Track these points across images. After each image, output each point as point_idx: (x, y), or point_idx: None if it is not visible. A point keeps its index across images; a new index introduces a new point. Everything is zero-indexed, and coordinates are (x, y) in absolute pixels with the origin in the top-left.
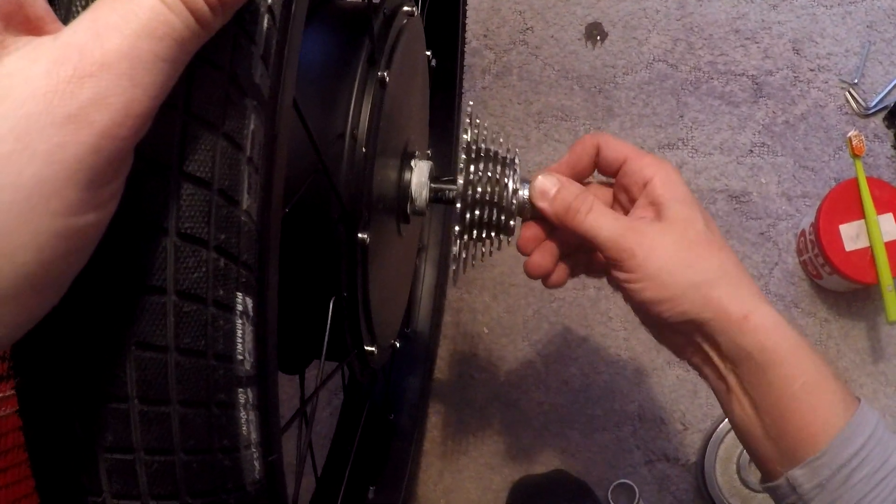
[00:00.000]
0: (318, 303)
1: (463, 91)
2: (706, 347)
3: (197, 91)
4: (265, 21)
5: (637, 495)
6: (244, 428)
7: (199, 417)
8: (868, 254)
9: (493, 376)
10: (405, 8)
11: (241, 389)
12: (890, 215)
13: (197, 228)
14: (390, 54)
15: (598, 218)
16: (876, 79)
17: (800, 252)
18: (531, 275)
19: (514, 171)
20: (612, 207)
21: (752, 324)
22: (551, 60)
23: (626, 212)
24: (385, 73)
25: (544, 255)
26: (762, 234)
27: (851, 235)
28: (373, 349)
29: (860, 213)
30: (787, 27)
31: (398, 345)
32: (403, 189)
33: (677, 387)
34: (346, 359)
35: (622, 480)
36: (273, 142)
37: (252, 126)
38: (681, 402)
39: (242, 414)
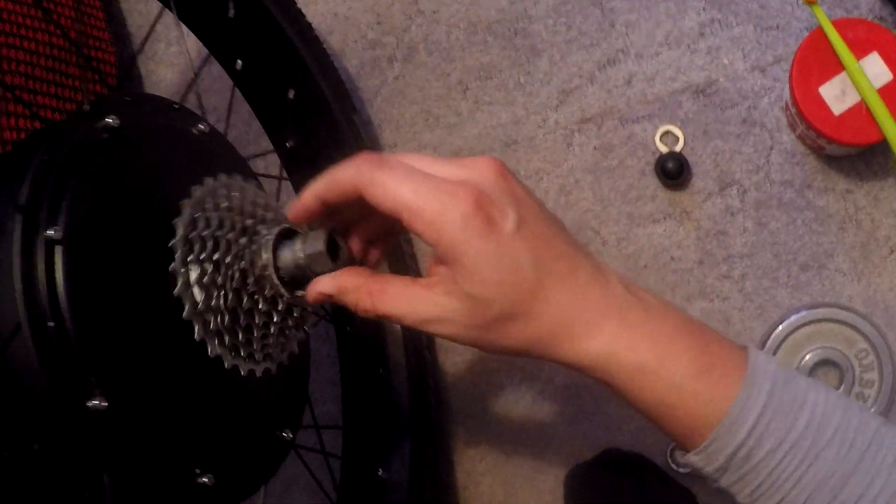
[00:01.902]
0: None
1: (357, 99)
2: None
3: None
4: None
5: None
6: None
7: None
8: (863, 108)
9: (507, 375)
10: (102, 122)
11: None
12: (875, 55)
13: None
14: (56, 201)
15: (395, 305)
16: None
17: (792, 127)
18: None
19: (262, 233)
20: None
21: (582, 366)
22: (454, 20)
23: None
24: (53, 231)
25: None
26: (745, 120)
27: (836, 95)
28: (205, 480)
29: (839, 66)
30: None
31: (290, 435)
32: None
33: (706, 320)
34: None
35: None
36: None
37: None
38: None
39: None
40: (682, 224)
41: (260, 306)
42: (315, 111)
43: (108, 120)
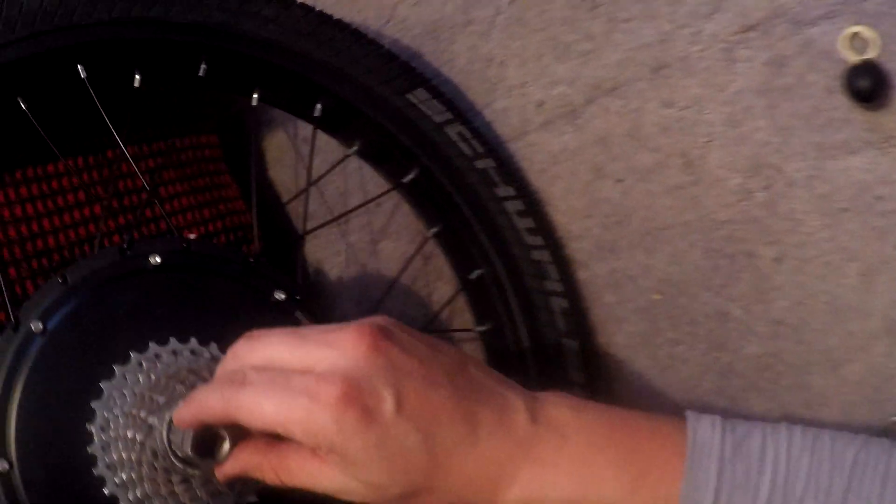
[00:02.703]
0: None
1: (471, 34)
2: None
3: None
4: None
5: None
6: None
7: None
8: None
9: (688, 347)
10: (25, 331)
11: None
12: None
13: None
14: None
15: (301, 479)
16: None
17: None
18: None
19: (154, 427)
20: None
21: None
22: None
23: None
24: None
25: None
26: None
27: None
28: None
29: None
30: None
31: None
32: None
33: None
34: None
35: None
36: None
37: None
38: None
39: None
40: (887, 153)
41: (176, 489)
42: (349, 117)
43: (31, 326)
